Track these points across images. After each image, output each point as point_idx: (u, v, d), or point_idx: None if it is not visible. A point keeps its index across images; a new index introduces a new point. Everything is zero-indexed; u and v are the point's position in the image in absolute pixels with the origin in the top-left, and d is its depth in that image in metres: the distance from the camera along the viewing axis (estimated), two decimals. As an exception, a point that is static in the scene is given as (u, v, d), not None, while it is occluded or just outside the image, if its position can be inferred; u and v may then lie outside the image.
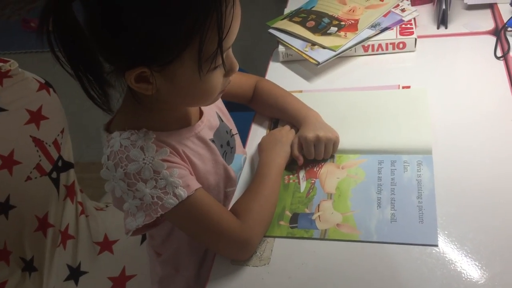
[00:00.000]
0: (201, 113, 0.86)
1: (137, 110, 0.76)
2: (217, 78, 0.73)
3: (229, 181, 0.89)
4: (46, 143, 1.14)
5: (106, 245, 1.20)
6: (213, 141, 0.86)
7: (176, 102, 0.77)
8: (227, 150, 0.90)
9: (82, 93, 0.72)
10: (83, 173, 1.91)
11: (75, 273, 1.15)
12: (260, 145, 0.95)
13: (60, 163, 1.17)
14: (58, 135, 1.16)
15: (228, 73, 0.75)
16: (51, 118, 1.13)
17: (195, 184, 0.76)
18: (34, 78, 1.11)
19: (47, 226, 1.15)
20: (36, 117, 1.10)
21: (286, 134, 0.95)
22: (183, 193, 0.73)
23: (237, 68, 0.76)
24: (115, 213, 1.26)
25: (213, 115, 0.89)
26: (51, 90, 1.14)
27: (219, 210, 0.78)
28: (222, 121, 0.92)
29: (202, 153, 0.83)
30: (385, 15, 1.19)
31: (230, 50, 0.73)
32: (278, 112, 1.01)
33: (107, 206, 1.29)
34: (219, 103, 0.94)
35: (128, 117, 0.77)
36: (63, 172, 1.18)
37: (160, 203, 0.73)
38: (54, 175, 1.16)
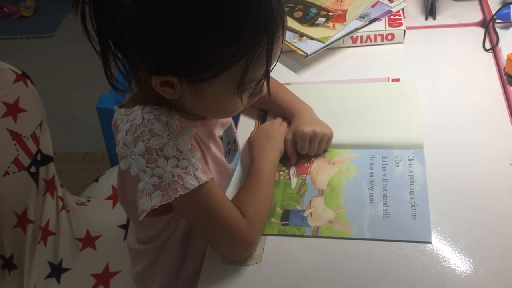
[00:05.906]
0: None
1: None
2: (244, 99, 0.72)
3: (228, 180, 0.88)
4: (24, 137, 1.09)
5: (88, 241, 1.17)
6: (221, 138, 0.84)
7: (194, 111, 0.75)
8: (232, 148, 0.88)
9: (58, 81, 0.70)
10: (61, 164, 1.86)
11: (56, 270, 1.12)
12: (251, 141, 0.92)
13: (39, 157, 1.13)
14: (37, 128, 1.12)
15: (255, 95, 0.73)
16: (29, 110, 1.09)
17: (210, 173, 0.73)
18: (10, 69, 1.06)
19: (27, 222, 1.11)
20: (13, 109, 1.06)
21: (278, 129, 0.93)
22: (203, 177, 0.71)
23: (264, 92, 0.75)
24: (97, 208, 1.23)
25: None
26: (28, 81, 1.10)
27: (231, 205, 0.76)
28: None
29: (211, 148, 0.81)
30: (373, 6, 1.17)
31: None
32: (268, 104, 0.99)
33: (88, 200, 1.25)
34: None
35: (149, 94, 0.73)
36: (42, 166, 1.14)
37: (181, 182, 0.69)
38: (33, 169, 1.11)
